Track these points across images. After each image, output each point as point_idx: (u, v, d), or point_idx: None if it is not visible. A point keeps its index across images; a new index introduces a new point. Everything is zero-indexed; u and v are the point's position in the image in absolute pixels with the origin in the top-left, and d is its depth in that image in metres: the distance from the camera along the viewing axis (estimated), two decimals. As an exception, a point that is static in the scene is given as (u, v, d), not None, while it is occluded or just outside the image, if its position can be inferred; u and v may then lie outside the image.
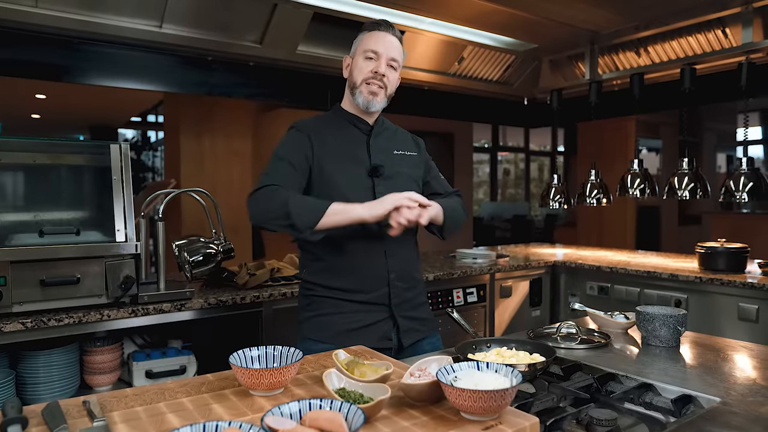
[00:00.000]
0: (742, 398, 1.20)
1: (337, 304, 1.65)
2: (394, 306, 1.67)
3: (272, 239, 7.17)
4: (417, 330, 1.72)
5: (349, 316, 1.64)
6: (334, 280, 1.65)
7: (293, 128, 1.71)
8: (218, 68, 2.99)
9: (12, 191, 1.88)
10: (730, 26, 2.85)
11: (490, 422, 0.95)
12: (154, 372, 2.13)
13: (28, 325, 1.77)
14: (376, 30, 1.68)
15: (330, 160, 1.64)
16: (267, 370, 1.06)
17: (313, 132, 1.67)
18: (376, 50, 1.65)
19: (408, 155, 1.78)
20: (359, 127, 1.72)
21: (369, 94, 1.66)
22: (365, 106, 1.67)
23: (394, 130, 1.83)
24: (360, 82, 1.66)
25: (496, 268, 3.11)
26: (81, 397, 1.07)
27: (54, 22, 2.35)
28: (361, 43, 1.69)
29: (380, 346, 1.59)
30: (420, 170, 1.81)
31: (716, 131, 8.47)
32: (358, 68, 1.67)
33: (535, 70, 3.81)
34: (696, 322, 2.79)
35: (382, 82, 1.66)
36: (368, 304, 1.65)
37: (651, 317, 1.61)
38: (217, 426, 0.79)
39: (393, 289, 1.66)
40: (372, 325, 1.65)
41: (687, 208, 7.90)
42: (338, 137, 1.69)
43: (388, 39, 1.67)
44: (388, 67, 1.67)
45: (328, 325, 1.64)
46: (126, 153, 2.02)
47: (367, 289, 1.64)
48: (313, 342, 1.65)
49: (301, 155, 1.63)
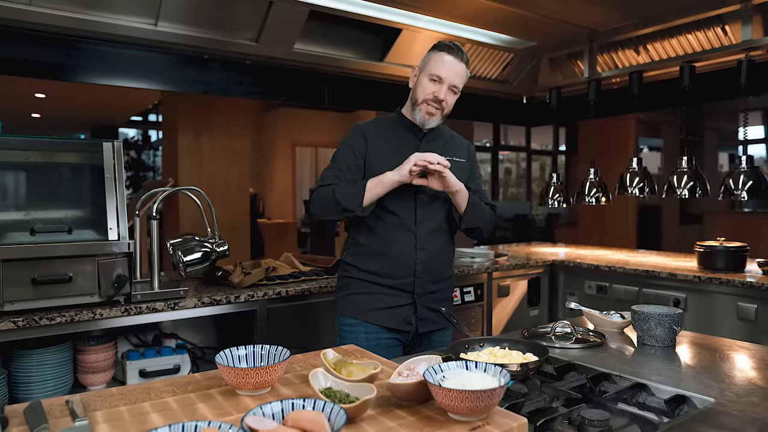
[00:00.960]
0: (737, 399, 1.18)
1: (366, 285, 1.85)
2: (417, 295, 1.84)
3: (272, 238, 7.18)
4: (434, 321, 1.89)
5: (375, 297, 1.84)
6: (367, 263, 1.85)
7: (354, 127, 1.91)
8: (215, 66, 2.98)
9: (4, 189, 1.87)
10: (730, 23, 2.82)
11: (478, 423, 0.93)
12: (148, 371, 2.12)
13: (19, 324, 1.76)
14: (445, 53, 1.81)
15: (380, 159, 1.82)
16: (253, 369, 1.04)
17: (369, 131, 1.88)
18: (441, 75, 1.79)
19: (456, 161, 1.90)
20: (413, 132, 1.89)
21: (426, 114, 1.82)
22: (421, 124, 1.85)
23: (449, 137, 1.98)
24: (421, 101, 1.82)
25: (493, 267, 3.10)
26: (65, 396, 1.05)
27: (48, 20, 2.33)
28: (429, 63, 1.82)
29: (400, 328, 1.84)
30: (466, 175, 1.94)
31: (718, 130, 8.43)
32: (422, 87, 1.82)
33: (533, 69, 3.78)
34: (695, 322, 2.77)
35: (440, 105, 1.82)
36: (394, 288, 1.83)
37: (646, 316, 1.60)
38: (196, 426, 0.78)
39: (418, 279, 1.84)
40: (394, 308, 1.83)
41: (688, 208, 7.86)
42: (392, 138, 1.87)
43: (455, 66, 1.80)
44: (448, 91, 1.81)
45: (357, 302, 1.86)
46: (119, 151, 2.01)
47: (395, 276, 1.83)
48: (344, 317, 1.88)
49: (352, 154, 1.84)
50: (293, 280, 2.46)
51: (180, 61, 2.89)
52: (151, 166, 9.89)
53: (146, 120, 9.30)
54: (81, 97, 6.83)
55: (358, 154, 1.84)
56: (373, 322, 1.83)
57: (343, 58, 3.11)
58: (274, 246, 6.79)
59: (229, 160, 4.89)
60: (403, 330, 1.85)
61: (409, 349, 1.89)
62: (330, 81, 3.34)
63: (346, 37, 3.11)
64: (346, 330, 1.87)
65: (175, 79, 2.93)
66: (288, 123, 7.91)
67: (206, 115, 4.75)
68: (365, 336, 1.82)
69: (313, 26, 2.88)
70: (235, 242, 4.89)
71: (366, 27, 3.03)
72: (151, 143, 9.86)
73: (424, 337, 1.90)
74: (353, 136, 1.88)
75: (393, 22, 2.98)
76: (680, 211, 7.87)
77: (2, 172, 1.86)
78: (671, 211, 7.76)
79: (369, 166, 1.83)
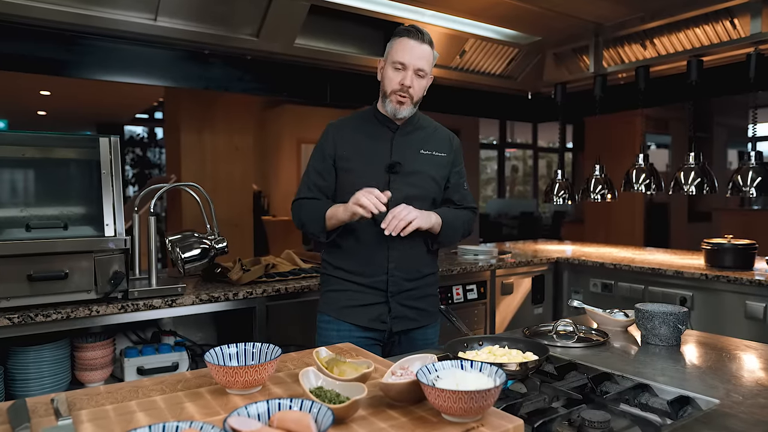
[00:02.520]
0: (744, 400, 1.15)
1: (340, 282, 1.82)
2: (391, 293, 1.78)
3: (277, 236, 7.16)
4: (411, 319, 1.82)
5: (349, 294, 1.80)
6: (341, 261, 1.82)
7: (327, 125, 1.88)
8: (215, 62, 2.95)
9: (0, 185, 1.85)
10: (739, 16, 2.76)
11: (472, 424, 0.90)
12: (146, 368, 2.10)
13: (15, 321, 1.75)
14: (405, 37, 1.74)
15: (352, 155, 1.79)
16: (242, 368, 1.02)
17: (339, 128, 1.84)
18: (403, 62, 1.72)
19: (435, 155, 1.85)
20: (388, 125, 1.82)
21: (397, 104, 1.76)
22: (393, 115, 1.79)
23: (431, 129, 1.90)
24: (389, 93, 1.76)
25: (496, 265, 3.06)
26: (50, 395, 1.03)
27: (48, 15, 2.32)
28: (391, 51, 1.76)
29: (374, 327, 1.78)
30: (445, 170, 1.88)
31: (727, 127, 8.32)
32: (388, 78, 1.76)
33: (538, 64, 3.73)
34: (701, 321, 2.72)
35: (408, 93, 1.75)
36: (367, 287, 1.79)
37: (650, 315, 1.56)
38: (177, 427, 0.75)
39: (391, 277, 1.78)
40: (368, 306, 1.79)
41: (697, 205, 7.77)
42: (365, 134, 1.83)
43: (416, 49, 1.73)
44: (414, 76, 1.74)
45: (333, 300, 1.82)
46: (116, 147, 1.99)
47: (368, 274, 1.78)
48: (321, 314, 1.85)
49: (322, 157, 1.82)
50: (293, 277, 2.44)
51: (180, 57, 2.87)
52: (157, 163, 9.90)
53: (152, 117, 9.31)
54: (86, 94, 6.83)
55: (327, 157, 1.81)
56: (346, 320, 1.79)
57: (344, 53, 3.08)
58: (278, 243, 6.77)
59: (231, 157, 4.87)
60: (377, 329, 1.79)
61: (388, 348, 1.83)
62: (332, 76, 3.30)
63: (347, 32, 3.07)
64: (323, 327, 1.83)
65: (175, 75, 2.91)
66: (293, 120, 7.88)
67: (208, 111, 4.73)
68: (337, 334, 1.77)
69: (314, 21, 2.85)
70: (238, 239, 4.88)
71: (368, 21, 3.00)
72: (157, 141, 9.87)
73: (403, 335, 1.83)
74: (323, 138, 1.85)
75: (395, 17, 2.94)
76: (688, 209, 7.78)
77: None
78: (679, 209, 7.67)
79: (342, 165, 1.79)
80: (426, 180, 1.81)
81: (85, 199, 1.96)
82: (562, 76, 3.64)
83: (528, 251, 3.63)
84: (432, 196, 1.84)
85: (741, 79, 2.92)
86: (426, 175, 1.81)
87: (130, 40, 2.67)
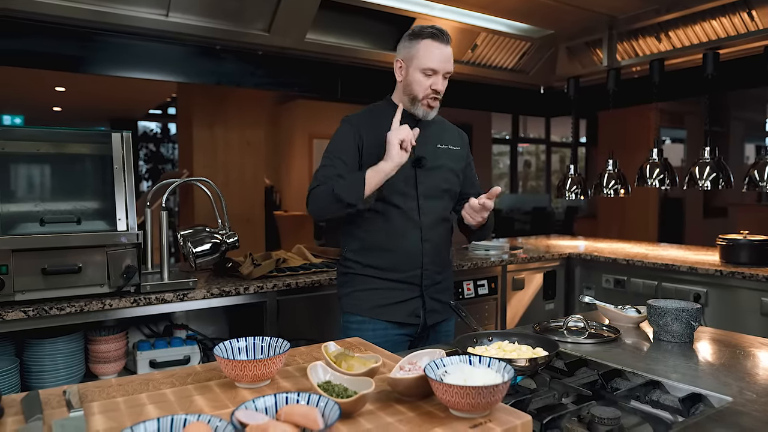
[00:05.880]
0: (757, 398, 1.13)
1: (370, 281, 1.80)
2: (425, 287, 1.81)
3: (288, 231, 7.19)
4: (439, 312, 1.86)
5: (382, 293, 1.79)
6: (371, 258, 1.80)
7: (344, 122, 1.84)
8: (227, 57, 2.96)
9: (15, 180, 1.88)
10: (757, 8, 2.71)
11: (479, 420, 0.90)
12: (158, 362, 2.12)
13: (30, 314, 1.77)
14: (429, 39, 1.72)
15: (378, 151, 1.72)
16: (251, 362, 1.02)
17: (362, 125, 1.80)
18: (435, 68, 1.72)
19: (451, 149, 1.88)
20: (407, 121, 1.77)
21: (428, 108, 1.77)
22: (424, 117, 1.79)
23: (441, 124, 1.92)
24: (422, 98, 1.76)
25: (508, 260, 3.04)
26: (63, 386, 1.05)
27: (62, 11, 2.34)
28: (417, 55, 1.73)
29: (409, 322, 1.80)
30: (461, 163, 1.92)
31: (744, 121, 8.18)
32: (417, 83, 1.74)
33: (551, 58, 3.70)
34: (716, 318, 2.69)
35: (439, 94, 1.77)
36: (401, 282, 1.79)
37: (663, 311, 1.54)
38: (185, 420, 0.76)
39: (425, 271, 1.80)
40: (403, 302, 1.80)
41: (712, 200, 7.66)
42: (386, 128, 1.76)
43: (444, 52, 1.73)
44: (443, 79, 1.76)
45: (363, 299, 1.80)
46: (128, 142, 2.01)
47: (402, 269, 1.78)
48: (351, 315, 1.82)
49: (350, 150, 1.77)
50: (304, 271, 2.44)
51: (192, 52, 2.89)
52: (170, 158, 9.98)
53: (165, 113, 9.38)
54: (100, 90, 6.89)
55: (354, 147, 1.77)
56: (382, 318, 1.79)
57: (355, 48, 3.07)
58: (290, 238, 6.80)
59: (243, 151, 4.89)
60: (412, 323, 1.81)
61: (417, 342, 1.86)
62: (343, 71, 3.30)
63: (358, 27, 3.06)
64: (353, 328, 1.82)
65: (187, 71, 2.92)
66: (305, 115, 7.89)
67: (220, 107, 4.76)
68: (373, 333, 1.78)
69: (324, 16, 2.85)
70: (249, 234, 4.91)
71: (379, 16, 2.99)
72: (170, 136, 9.94)
73: (431, 329, 1.87)
74: (347, 130, 1.80)
75: (406, 11, 2.92)
76: (704, 204, 7.67)
77: (13, 164, 1.87)
78: (695, 204, 7.57)
79: (367, 160, 1.75)
80: (448, 173, 1.85)
81: (98, 193, 1.98)
82: (575, 70, 3.60)
83: (540, 246, 3.61)
84: (455, 189, 1.89)
85: (758, 73, 2.86)
86: (447, 168, 1.85)
87: (142, 36, 2.69)
